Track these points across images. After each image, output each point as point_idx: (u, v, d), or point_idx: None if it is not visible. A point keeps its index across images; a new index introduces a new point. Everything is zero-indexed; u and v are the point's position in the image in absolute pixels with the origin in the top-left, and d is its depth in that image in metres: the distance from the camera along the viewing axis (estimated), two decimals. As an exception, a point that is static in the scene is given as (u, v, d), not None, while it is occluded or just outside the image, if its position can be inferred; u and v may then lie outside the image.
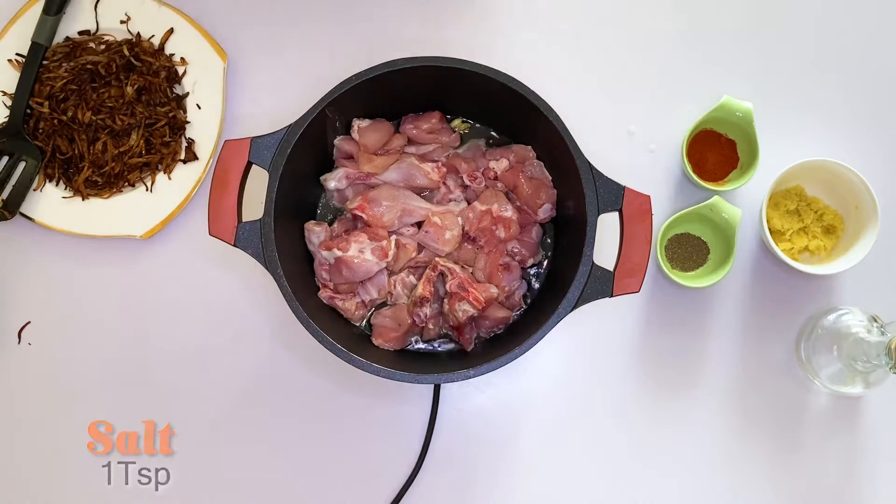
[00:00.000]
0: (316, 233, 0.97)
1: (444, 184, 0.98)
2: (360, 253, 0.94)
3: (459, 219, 0.97)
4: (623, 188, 0.87)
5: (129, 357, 1.03)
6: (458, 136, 1.01)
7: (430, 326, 0.97)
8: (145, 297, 1.04)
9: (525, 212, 0.98)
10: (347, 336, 0.93)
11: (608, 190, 0.88)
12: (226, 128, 1.05)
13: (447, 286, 0.95)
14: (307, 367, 1.03)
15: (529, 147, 0.99)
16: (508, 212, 0.97)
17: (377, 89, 0.91)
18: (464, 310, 0.94)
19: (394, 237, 0.96)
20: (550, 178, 0.98)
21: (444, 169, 0.98)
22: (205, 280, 1.04)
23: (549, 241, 1.01)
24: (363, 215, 0.95)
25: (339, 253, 0.94)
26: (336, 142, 0.98)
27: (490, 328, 0.97)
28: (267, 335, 1.03)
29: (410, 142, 1.00)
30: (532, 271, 1.00)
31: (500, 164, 0.98)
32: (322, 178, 0.98)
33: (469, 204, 0.98)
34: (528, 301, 0.99)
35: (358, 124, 0.97)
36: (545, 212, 0.98)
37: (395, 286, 0.97)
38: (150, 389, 1.03)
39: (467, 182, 0.98)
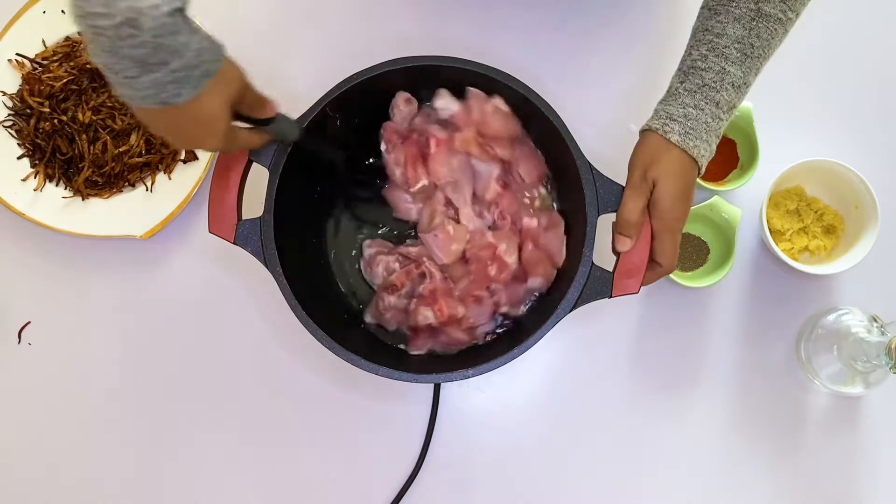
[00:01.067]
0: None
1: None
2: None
3: (469, 236, 0.96)
4: (623, 188, 0.87)
5: (128, 357, 1.03)
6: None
7: (388, 317, 0.96)
8: (145, 297, 1.04)
9: (523, 269, 0.96)
10: (347, 336, 0.93)
11: (608, 190, 0.88)
12: (226, 128, 1.05)
13: (421, 288, 0.94)
14: (307, 367, 1.03)
15: (561, 218, 0.96)
16: (512, 258, 0.94)
17: (378, 88, 0.91)
18: (424, 315, 0.93)
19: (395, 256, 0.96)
20: (565, 253, 0.95)
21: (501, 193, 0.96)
22: (205, 280, 1.04)
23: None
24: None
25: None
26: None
27: (445, 346, 0.95)
28: (267, 335, 1.03)
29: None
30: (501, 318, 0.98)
31: (532, 223, 0.95)
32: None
33: (488, 228, 0.96)
34: (492, 337, 0.97)
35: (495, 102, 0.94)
36: (535, 283, 0.95)
37: (377, 265, 0.97)
38: (150, 389, 1.03)
39: (495, 218, 0.96)
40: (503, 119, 0.94)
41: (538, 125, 0.91)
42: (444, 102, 0.95)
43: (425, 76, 0.92)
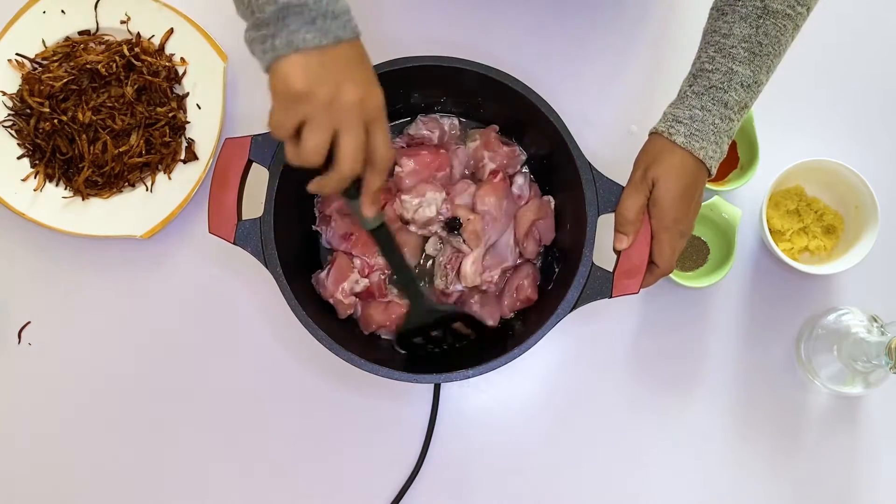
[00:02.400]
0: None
1: None
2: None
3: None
4: (623, 188, 0.87)
5: (128, 357, 1.03)
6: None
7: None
8: (145, 297, 1.04)
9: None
10: (347, 336, 0.93)
11: (608, 190, 0.88)
12: (226, 127, 1.05)
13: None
14: (307, 367, 1.03)
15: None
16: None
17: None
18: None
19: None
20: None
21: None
22: (205, 280, 1.04)
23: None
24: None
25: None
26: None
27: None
28: (267, 335, 1.03)
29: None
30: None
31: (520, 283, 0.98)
32: None
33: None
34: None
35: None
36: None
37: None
38: (150, 389, 1.03)
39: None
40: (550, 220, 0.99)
41: (539, 125, 0.91)
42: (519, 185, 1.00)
43: (425, 77, 0.92)
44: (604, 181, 0.88)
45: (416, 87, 0.96)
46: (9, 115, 1.03)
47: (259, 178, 0.88)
